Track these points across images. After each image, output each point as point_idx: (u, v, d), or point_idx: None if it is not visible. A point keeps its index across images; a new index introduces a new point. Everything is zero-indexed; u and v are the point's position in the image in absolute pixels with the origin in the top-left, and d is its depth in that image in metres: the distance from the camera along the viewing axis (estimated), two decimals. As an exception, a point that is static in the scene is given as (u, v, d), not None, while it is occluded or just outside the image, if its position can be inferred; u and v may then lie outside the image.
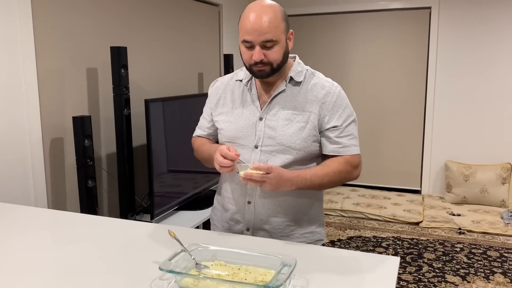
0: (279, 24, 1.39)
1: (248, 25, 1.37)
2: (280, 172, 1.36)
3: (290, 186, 1.41)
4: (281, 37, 1.40)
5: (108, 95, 2.72)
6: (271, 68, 1.42)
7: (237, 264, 1.18)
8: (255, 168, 1.33)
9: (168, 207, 2.85)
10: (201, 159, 1.67)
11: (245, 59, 1.45)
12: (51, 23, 2.39)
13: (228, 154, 1.38)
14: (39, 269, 1.23)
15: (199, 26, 3.84)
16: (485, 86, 4.38)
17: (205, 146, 1.63)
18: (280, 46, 1.41)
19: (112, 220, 1.65)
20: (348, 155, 1.48)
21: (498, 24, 4.26)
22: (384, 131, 4.82)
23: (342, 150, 1.48)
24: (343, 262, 1.28)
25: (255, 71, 1.44)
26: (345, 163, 1.48)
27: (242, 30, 1.40)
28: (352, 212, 4.19)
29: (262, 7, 1.39)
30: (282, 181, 1.37)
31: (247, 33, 1.38)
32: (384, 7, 4.63)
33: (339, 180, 1.48)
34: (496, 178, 4.20)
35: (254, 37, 1.37)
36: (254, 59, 1.40)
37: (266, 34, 1.36)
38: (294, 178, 1.41)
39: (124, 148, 2.59)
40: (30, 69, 2.26)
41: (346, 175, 1.49)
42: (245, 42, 1.40)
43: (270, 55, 1.40)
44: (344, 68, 4.88)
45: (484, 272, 3.08)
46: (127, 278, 1.18)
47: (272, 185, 1.36)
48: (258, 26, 1.36)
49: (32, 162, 2.29)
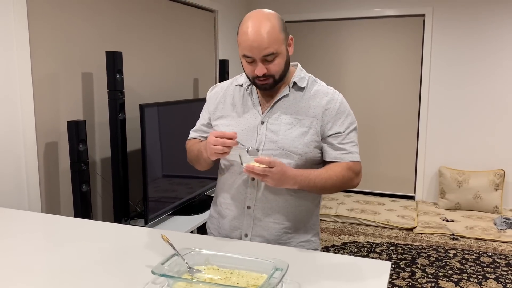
0: (278, 36, 1.38)
1: (247, 41, 1.36)
2: (283, 168, 1.36)
3: (292, 184, 1.40)
4: (282, 48, 1.40)
5: (103, 100, 2.73)
6: (273, 80, 1.43)
7: (230, 268, 1.19)
8: (257, 161, 1.33)
9: (162, 212, 2.85)
10: (190, 158, 1.64)
11: (248, 72, 1.46)
12: (46, 27, 2.40)
13: (226, 134, 1.36)
14: (31, 273, 1.23)
15: (195, 31, 3.86)
16: (479, 93, 4.42)
17: (195, 145, 1.61)
18: (281, 57, 1.41)
19: (106, 224, 1.65)
20: (350, 161, 1.48)
21: (491, 31, 4.31)
22: (378, 137, 4.85)
23: (344, 157, 1.48)
24: (335, 266, 1.29)
25: (259, 84, 1.45)
26: (347, 169, 1.47)
27: (241, 45, 1.40)
28: (347, 218, 4.20)
29: (260, 20, 1.37)
30: (285, 177, 1.36)
31: (246, 49, 1.38)
32: (379, 14, 4.67)
33: (340, 185, 1.48)
34: (489, 184, 4.23)
35: (255, 53, 1.37)
36: (257, 73, 1.40)
37: (266, 49, 1.36)
38: (297, 176, 1.40)
39: (118, 152, 2.59)
40: (25, 73, 2.26)
41: (348, 181, 1.49)
42: (246, 57, 1.40)
43: (272, 68, 1.40)
44: (339, 75, 4.91)
45: (477, 277, 3.09)
46: (120, 282, 1.18)
47: (274, 180, 1.34)
48: (258, 43, 1.35)
49: (26, 166, 2.29)
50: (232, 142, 1.36)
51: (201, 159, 1.54)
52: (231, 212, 1.56)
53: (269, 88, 1.46)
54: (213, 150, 1.37)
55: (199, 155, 1.54)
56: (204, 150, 1.48)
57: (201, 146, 1.53)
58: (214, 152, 1.38)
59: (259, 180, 1.40)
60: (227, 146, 1.36)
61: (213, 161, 1.53)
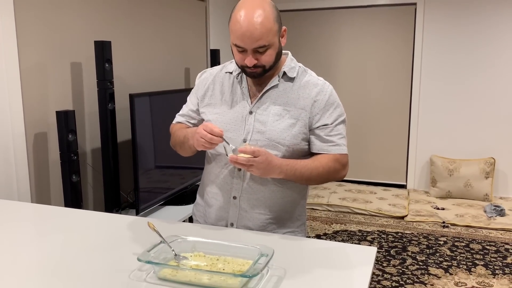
0: (272, 27, 1.35)
1: (239, 31, 1.34)
2: (268, 157, 1.35)
3: (278, 173, 1.39)
4: (274, 40, 1.38)
5: (93, 90, 2.71)
6: (263, 69, 1.42)
7: (216, 255, 1.20)
8: (241, 151, 1.32)
9: (154, 202, 2.85)
10: (174, 143, 1.62)
11: (237, 60, 1.44)
12: (34, 16, 2.37)
13: (214, 130, 1.34)
14: (20, 261, 1.23)
15: (186, 21, 3.83)
16: (470, 83, 4.44)
17: (181, 130, 1.59)
18: (273, 48, 1.39)
19: (94, 213, 1.66)
20: (337, 153, 1.48)
21: (483, 21, 4.32)
22: (369, 126, 4.86)
23: (331, 149, 1.47)
24: (321, 252, 1.30)
25: (248, 72, 1.44)
26: (334, 160, 1.47)
27: (233, 34, 1.37)
28: (338, 207, 4.22)
29: (253, 8, 1.33)
30: (271, 166, 1.36)
31: (238, 39, 1.35)
32: (370, 3, 4.66)
33: (327, 176, 1.48)
34: (480, 173, 4.27)
35: (247, 44, 1.35)
36: (247, 63, 1.39)
37: (258, 40, 1.34)
38: (283, 165, 1.40)
39: (109, 143, 2.58)
40: (12, 63, 2.24)
41: (334, 173, 1.49)
42: (237, 46, 1.38)
43: (262, 59, 1.39)
44: (330, 64, 4.90)
45: (466, 264, 3.13)
46: (106, 269, 1.18)
47: (259, 169, 1.34)
48: (250, 33, 1.33)
49: (15, 157, 2.28)
50: (218, 139, 1.35)
51: (185, 145, 1.53)
52: (217, 202, 1.56)
53: (258, 76, 1.45)
54: (200, 143, 1.37)
55: (184, 141, 1.53)
56: (190, 138, 1.47)
57: (188, 133, 1.52)
58: (201, 144, 1.38)
59: (245, 170, 1.40)
60: (214, 143, 1.35)
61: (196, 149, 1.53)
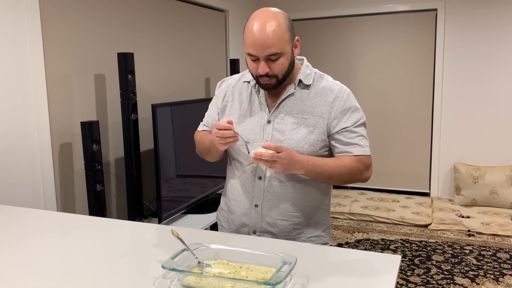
0: (284, 35, 1.37)
1: (252, 38, 1.37)
2: (290, 153, 1.36)
3: (300, 169, 1.40)
4: (286, 48, 1.39)
5: (116, 100, 2.77)
6: (276, 80, 1.43)
7: (239, 262, 1.20)
8: (265, 147, 1.33)
9: (176, 210, 2.87)
10: (202, 150, 1.65)
11: (251, 70, 1.46)
12: (59, 29, 2.44)
13: (222, 124, 1.38)
14: (45, 269, 1.26)
15: (206, 31, 3.88)
16: (493, 88, 4.35)
17: (206, 136, 1.62)
18: (286, 57, 1.40)
19: (118, 221, 1.68)
20: (360, 154, 1.46)
21: (504, 25, 4.24)
22: (392, 133, 4.81)
23: (353, 150, 1.46)
24: (344, 260, 1.29)
25: (262, 83, 1.45)
26: (357, 161, 1.45)
27: (246, 42, 1.40)
28: (360, 215, 4.17)
29: (266, 18, 1.36)
30: (293, 161, 1.37)
31: (251, 47, 1.38)
32: (390, 10, 4.64)
33: (349, 177, 1.46)
34: (506, 180, 4.17)
35: (259, 51, 1.37)
36: (259, 72, 1.40)
37: (270, 48, 1.36)
38: (304, 161, 1.40)
39: (131, 152, 2.63)
40: (39, 75, 2.31)
41: (357, 174, 1.47)
42: (250, 55, 1.41)
43: (275, 68, 1.40)
44: (351, 71, 4.88)
45: (493, 274, 3.05)
46: (131, 277, 1.20)
47: (283, 165, 1.35)
48: (262, 41, 1.35)
49: (42, 166, 2.34)
50: (230, 132, 1.38)
51: (213, 150, 1.56)
52: (240, 209, 1.58)
53: (272, 88, 1.46)
54: (217, 142, 1.41)
55: (211, 146, 1.55)
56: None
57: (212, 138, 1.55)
58: (218, 143, 1.41)
59: (267, 167, 1.42)
60: (227, 136, 1.39)
61: (223, 152, 1.56)
